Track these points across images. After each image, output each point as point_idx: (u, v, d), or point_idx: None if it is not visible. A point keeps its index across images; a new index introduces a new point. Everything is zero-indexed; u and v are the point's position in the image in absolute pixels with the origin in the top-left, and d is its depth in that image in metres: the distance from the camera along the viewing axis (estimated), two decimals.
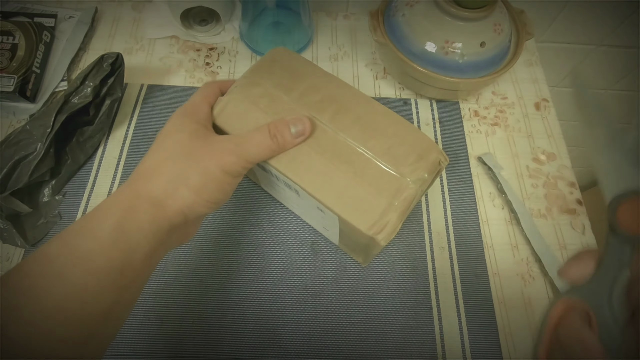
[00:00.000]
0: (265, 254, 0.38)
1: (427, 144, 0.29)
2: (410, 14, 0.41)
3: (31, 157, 0.37)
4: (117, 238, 0.22)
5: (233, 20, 0.51)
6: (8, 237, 0.36)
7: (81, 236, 0.22)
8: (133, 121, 0.44)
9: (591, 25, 0.56)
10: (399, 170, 0.28)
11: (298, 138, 0.28)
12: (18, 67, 0.42)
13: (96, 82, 0.39)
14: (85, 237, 0.22)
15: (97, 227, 0.22)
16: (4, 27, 0.43)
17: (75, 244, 0.21)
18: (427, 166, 0.28)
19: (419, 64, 0.41)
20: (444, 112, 0.47)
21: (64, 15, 0.49)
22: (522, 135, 0.46)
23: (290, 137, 0.28)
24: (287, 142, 0.28)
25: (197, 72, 0.48)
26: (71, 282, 0.20)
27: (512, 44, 0.44)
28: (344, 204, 0.28)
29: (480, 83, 0.42)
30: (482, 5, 0.38)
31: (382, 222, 0.27)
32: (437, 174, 0.30)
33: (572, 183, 0.43)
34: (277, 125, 0.28)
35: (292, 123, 0.28)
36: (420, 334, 0.35)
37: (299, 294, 0.36)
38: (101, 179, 0.41)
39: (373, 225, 0.27)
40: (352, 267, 0.38)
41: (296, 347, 0.34)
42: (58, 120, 0.38)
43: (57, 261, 0.20)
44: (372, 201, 0.27)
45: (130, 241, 0.22)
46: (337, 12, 0.54)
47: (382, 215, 0.27)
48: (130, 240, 0.22)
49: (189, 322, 0.35)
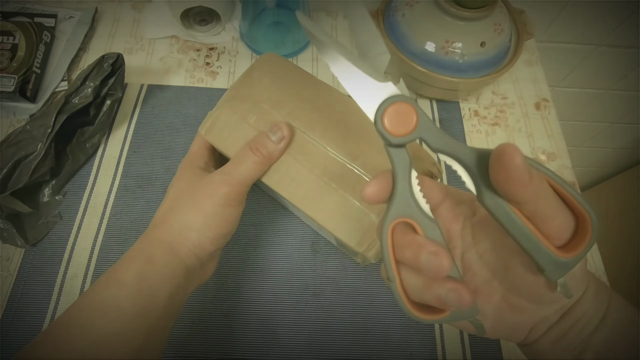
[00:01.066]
0: (265, 254, 0.38)
1: (420, 155, 0.29)
2: (410, 13, 0.41)
3: (31, 157, 0.37)
4: (139, 284, 0.24)
5: (233, 20, 0.51)
6: (8, 237, 0.36)
7: (109, 286, 0.24)
8: (133, 121, 0.44)
9: (591, 25, 0.56)
10: None
11: (281, 143, 0.28)
12: (18, 67, 0.42)
13: (97, 83, 0.39)
14: (112, 286, 0.24)
15: (122, 276, 0.24)
16: (4, 27, 0.43)
17: (105, 294, 0.24)
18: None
19: (419, 64, 0.41)
20: (444, 112, 0.47)
21: (64, 15, 0.49)
22: (522, 135, 0.46)
23: (273, 146, 0.28)
24: (272, 150, 0.28)
25: (197, 72, 0.48)
26: (102, 328, 0.22)
27: (512, 43, 0.44)
28: (335, 221, 0.28)
29: (480, 83, 0.42)
30: (482, 5, 0.38)
31: (373, 240, 0.27)
32: None
33: (572, 183, 0.43)
34: (256, 140, 0.28)
35: (270, 132, 0.28)
36: (420, 334, 0.35)
37: (299, 293, 0.36)
38: (101, 179, 0.41)
39: (363, 243, 0.27)
40: (352, 267, 0.38)
41: (296, 347, 0.34)
42: (58, 121, 0.38)
43: (90, 311, 0.23)
44: (362, 218, 0.27)
45: (152, 286, 0.25)
46: (337, 11, 0.54)
47: (373, 232, 0.27)
48: (152, 285, 0.25)
49: (189, 322, 0.35)
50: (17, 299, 0.35)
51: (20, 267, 0.36)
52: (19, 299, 0.35)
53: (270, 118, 0.30)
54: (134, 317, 0.23)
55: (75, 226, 0.38)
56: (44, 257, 0.37)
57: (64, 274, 0.36)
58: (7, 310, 0.34)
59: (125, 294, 0.24)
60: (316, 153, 0.29)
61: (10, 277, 0.36)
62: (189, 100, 0.46)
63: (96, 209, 0.39)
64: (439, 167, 0.29)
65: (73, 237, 0.38)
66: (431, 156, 0.29)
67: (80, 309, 0.23)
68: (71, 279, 0.36)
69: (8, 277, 0.36)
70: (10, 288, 0.35)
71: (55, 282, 0.36)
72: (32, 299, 0.35)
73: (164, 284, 0.25)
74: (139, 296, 0.24)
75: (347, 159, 0.28)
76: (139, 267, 0.25)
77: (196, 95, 0.46)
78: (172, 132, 0.43)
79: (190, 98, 0.46)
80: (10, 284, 0.36)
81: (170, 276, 0.25)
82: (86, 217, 0.39)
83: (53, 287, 0.36)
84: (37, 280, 0.36)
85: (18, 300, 0.35)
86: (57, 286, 0.36)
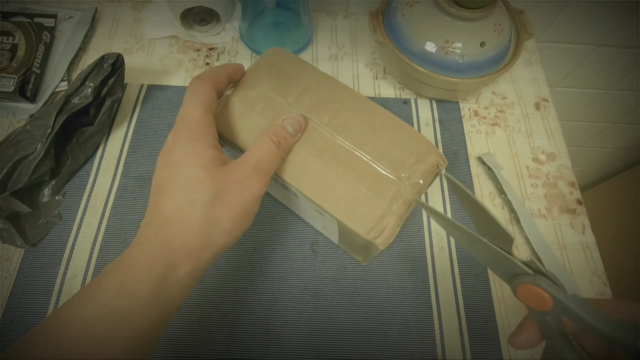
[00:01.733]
0: (265, 254, 0.38)
1: (425, 147, 0.29)
2: (410, 13, 0.41)
3: (31, 157, 0.37)
4: (156, 297, 0.21)
5: (233, 20, 0.51)
6: (8, 237, 0.36)
7: (120, 298, 0.21)
8: (133, 121, 0.44)
9: (591, 25, 0.56)
10: (397, 174, 0.28)
11: (297, 135, 0.28)
12: (18, 67, 0.42)
13: (97, 83, 0.39)
14: (125, 298, 0.21)
15: (136, 288, 0.21)
16: (4, 27, 0.43)
17: (114, 307, 0.20)
18: (425, 169, 0.28)
19: (419, 64, 0.41)
20: (443, 112, 0.47)
21: (64, 15, 0.49)
22: (522, 135, 0.46)
23: (290, 138, 0.28)
24: (289, 142, 0.28)
25: (197, 72, 0.48)
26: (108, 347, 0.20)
27: (512, 44, 0.44)
28: (342, 208, 0.27)
29: (480, 83, 0.42)
30: (482, 5, 0.38)
31: (381, 226, 0.27)
32: (436, 176, 0.30)
33: (572, 183, 0.43)
34: (275, 130, 0.27)
35: (286, 123, 0.28)
36: (420, 334, 0.35)
37: (299, 294, 0.36)
38: (101, 179, 0.41)
39: (371, 230, 0.27)
40: (352, 267, 0.38)
41: (296, 347, 0.34)
42: (58, 121, 0.38)
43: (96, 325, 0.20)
44: (371, 205, 0.27)
45: (168, 297, 0.22)
46: (337, 11, 0.54)
47: (381, 219, 0.27)
48: (168, 296, 0.22)
49: (189, 322, 0.35)
50: (17, 299, 0.35)
51: (20, 267, 0.36)
52: (18, 299, 0.35)
53: (277, 105, 0.30)
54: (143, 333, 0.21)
55: (75, 226, 0.38)
56: (43, 257, 0.37)
57: (64, 274, 0.36)
58: (7, 310, 0.34)
59: (139, 309, 0.21)
60: (323, 140, 0.29)
61: (10, 278, 0.36)
62: None
63: (96, 209, 0.39)
64: (444, 159, 0.29)
65: (73, 237, 0.38)
66: (436, 147, 0.29)
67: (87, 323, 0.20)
68: (71, 279, 0.36)
69: (8, 277, 0.36)
70: (10, 288, 0.35)
71: (55, 282, 0.36)
72: (32, 299, 0.35)
73: (180, 293, 0.22)
74: (152, 310, 0.21)
75: (355, 146, 0.29)
76: (157, 278, 0.21)
77: None
78: None
79: None
80: (10, 284, 0.36)
81: (188, 284, 0.23)
82: (86, 217, 0.39)
83: (53, 287, 0.36)
84: (37, 280, 0.36)
85: (18, 301, 0.35)
86: (57, 286, 0.36)
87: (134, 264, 0.22)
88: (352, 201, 0.27)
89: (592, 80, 0.67)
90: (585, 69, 0.65)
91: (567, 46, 0.60)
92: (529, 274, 0.18)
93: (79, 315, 0.20)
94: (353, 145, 0.29)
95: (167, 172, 0.24)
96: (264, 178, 0.25)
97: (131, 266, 0.22)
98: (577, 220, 0.41)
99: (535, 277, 0.17)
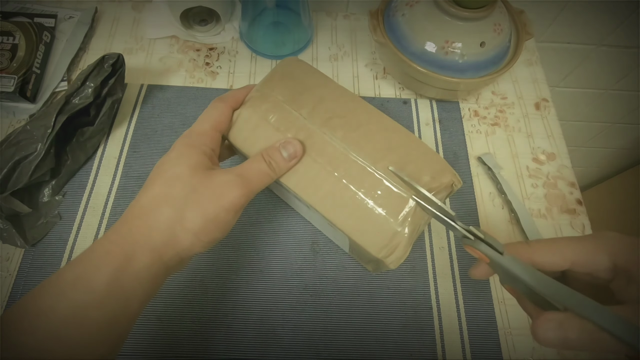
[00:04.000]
0: (265, 254, 0.38)
1: (440, 166, 0.28)
2: (410, 13, 0.41)
3: (31, 157, 0.37)
4: (113, 288, 0.21)
5: (233, 20, 0.51)
6: (8, 237, 0.36)
7: (76, 288, 0.21)
8: (133, 121, 0.44)
9: (591, 25, 0.56)
10: (411, 192, 0.27)
11: (291, 161, 0.28)
12: (18, 68, 0.42)
13: (97, 83, 0.39)
14: (81, 289, 0.21)
15: (93, 277, 0.21)
16: (4, 28, 0.43)
17: (71, 297, 0.20)
18: (439, 189, 0.28)
19: (419, 64, 0.41)
20: (443, 112, 0.47)
21: (64, 16, 0.49)
22: (522, 135, 0.46)
23: (283, 162, 0.28)
24: (281, 167, 0.28)
25: (197, 72, 0.48)
26: (65, 339, 0.20)
27: (512, 43, 0.44)
28: (353, 224, 0.27)
29: (480, 83, 0.42)
30: (482, 5, 0.38)
31: (392, 245, 0.26)
32: (449, 195, 0.30)
33: (572, 183, 0.43)
34: (269, 152, 0.27)
35: (282, 147, 0.28)
36: (420, 334, 0.35)
37: (299, 294, 0.36)
38: (101, 179, 0.41)
39: (383, 248, 0.26)
40: (352, 267, 0.38)
41: (296, 347, 0.34)
42: (59, 121, 0.37)
43: (52, 316, 0.20)
44: (383, 223, 0.27)
45: (126, 290, 0.22)
46: (337, 11, 0.54)
47: (392, 238, 0.26)
48: (126, 289, 0.22)
49: (189, 322, 0.35)
50: (17, 299, 0.35)
51: (20, 267, 0.36)
52: (18, 299, 0.35)
53: (290, 117, 0.29)
54: (102, 325, 0.21)
55: (75, 226, 0.38)
56: (43, 257, 0.37)
57: None
58: None
59: (95, 300, 0.20)
60: (337, 155, 0.28)
61: (10, 278, 0.36)
62: (189, 100, 0.46)
63: (96, 209, 0.39)
64: (459, 179, 0.29)
65: (73, 237, 0.38)
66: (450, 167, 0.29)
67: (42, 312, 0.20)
68: None
69: (8, 277, 0.36)
70: (10, 288, 0.35)
71: None
72: None
73: (140, 288, 0.22)
74: (110, 301, 0.21)
75: (368, 162, 0.28)
76: (114, 269, 0.21)
77: (196, 95, 0.46)
78: (172, 132, 0.43)
79: (190, 98, 0.46)
80: (10, 284, 0.36)
81: (148, 280, 0.23)
82: (86, 217, 0.39)
83: None
84: (37, 280, 0.36)
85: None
86: None
87: (93, 253, 0.22)
88: (364, 218, 0.27)
89: (592, 80, 0.67)
90: (585, 69, 0.65)
91: (567, 46, 0.60)
92: (470, 238, 0.23)
93: (36, 306, 0.20)
94: (366, 161, 0.28)
95: (157, 170, 0.26)
96: (245, 188, 0.25)
97: (91, 256, 0.22)
98: (577, 220, 0.41)
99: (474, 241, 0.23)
